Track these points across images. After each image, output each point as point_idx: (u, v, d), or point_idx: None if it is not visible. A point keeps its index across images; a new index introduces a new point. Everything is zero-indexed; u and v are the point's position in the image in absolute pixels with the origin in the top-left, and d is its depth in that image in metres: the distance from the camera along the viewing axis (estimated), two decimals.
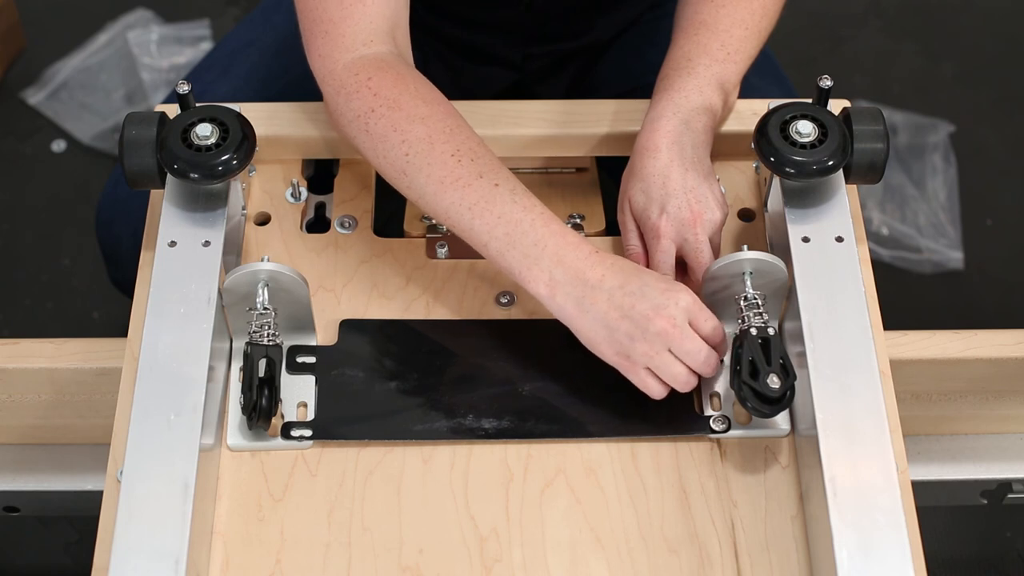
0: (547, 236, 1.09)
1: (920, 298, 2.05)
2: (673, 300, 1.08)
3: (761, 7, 1.23)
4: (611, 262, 1.09)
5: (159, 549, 0.97)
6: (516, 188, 1.11)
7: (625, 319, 1.08)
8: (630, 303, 1.08)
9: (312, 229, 1.27)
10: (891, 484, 1.01)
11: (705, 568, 1.07)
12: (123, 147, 1.13)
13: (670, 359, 1.08)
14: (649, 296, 1.08)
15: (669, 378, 1.09)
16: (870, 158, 1.15)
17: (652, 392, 1.10)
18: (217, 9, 2.38)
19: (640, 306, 1.07)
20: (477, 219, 1.11)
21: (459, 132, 1.14)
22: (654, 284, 1.08)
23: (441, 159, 1.12)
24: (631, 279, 1.09)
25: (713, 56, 1.20)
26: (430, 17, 1.43)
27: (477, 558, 1.07)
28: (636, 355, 1.09)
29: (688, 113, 1.17)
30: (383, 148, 1.14)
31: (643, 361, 1.09)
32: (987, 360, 1.24)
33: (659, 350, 1.08)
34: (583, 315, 1.09)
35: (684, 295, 1.08)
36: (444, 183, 1.11)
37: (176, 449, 1.02)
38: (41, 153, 2.22)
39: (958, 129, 2.22)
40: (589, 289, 1.08)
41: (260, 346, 1.11)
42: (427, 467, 1.12)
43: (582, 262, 1.09)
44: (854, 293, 1.10)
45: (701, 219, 1.15)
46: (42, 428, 1.31)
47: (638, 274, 1.09)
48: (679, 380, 1.09)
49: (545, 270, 1.09)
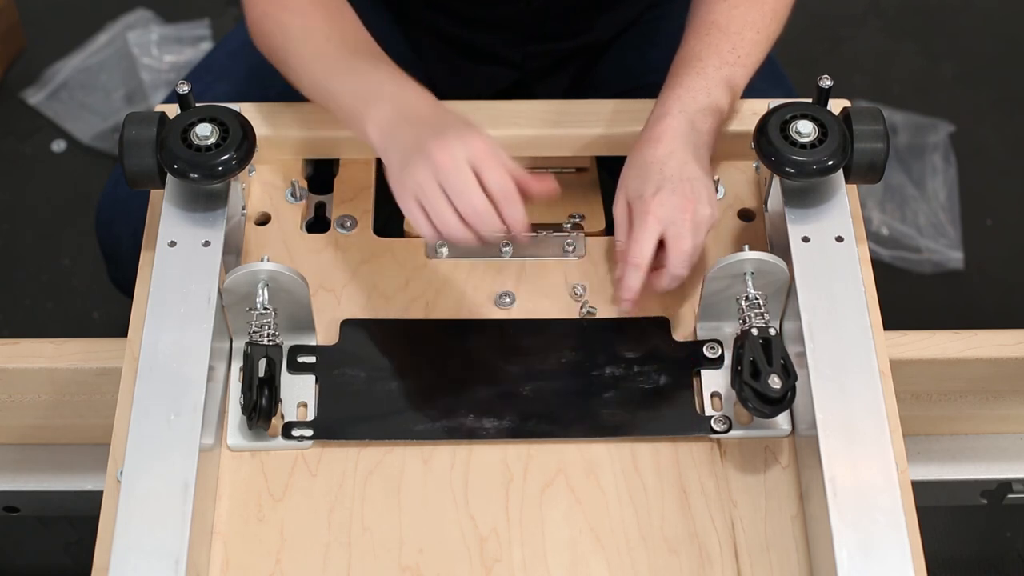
0: (387, 80, 1.13)
1: (920, 298, 2.05)
2: (462, 140, 1.06)
3: (772, 11, 1.23)
4: (435, 105, 1.11)
5: (159, 549, 0.97)
6: (379, 56, 1.16)
7: (416, 149, 1.07)
8: (426, 135, 1.07)
9: (312, 229, 1.26)
10: (891, 484, 1.01)
11: (705, 568, 1.07)
12: (123, 147, 1.13)
13: (438, 193, 1.05)
14: (443, 132, 1.07)
15: (435, 215, 1.06)
16: (870, 158, 1.15)
17: (420, 229, 1.08)
18: (217, 9, 2.38)
19: (431, 138, 1.06)
20: (335, 80, 1.16)
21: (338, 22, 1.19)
22: (455, 124, 1.08)
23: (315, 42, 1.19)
24: (441, 117, 1.09)
25: (724, 58, 1.20)
26: (430, 15, 1.43)
27: (477, 558, 1.07)
28: (408, 180, 1.07)
29: (694, 113, 1.17)
30: None
31: (413, 188, 1.07)
32: (987, 360, 1.24)
33: (429, 180, 1.05)
34: (391, 147, 1.10)
35: (478, 141, 1.06)
36: (314, 58, 1.18)
37: (176, 449, 1.02)
38: (41, 153, 2.22)
39: (958, 129, 2.22)
40: (406, 124, 1.10)
41: (260, 346, 1.11)
42: (427, 467, 1.12)
43: (412, 102, 1.11)
44: (854, 293, 1.10)
45: (693, 207, 1.14)
46: (42, 428, 1.31)
47: (447, 115, 1.10)
48: (446, 222, 1.06)
49: (377, 109, 1.12)
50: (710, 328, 1.18)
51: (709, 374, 1.15)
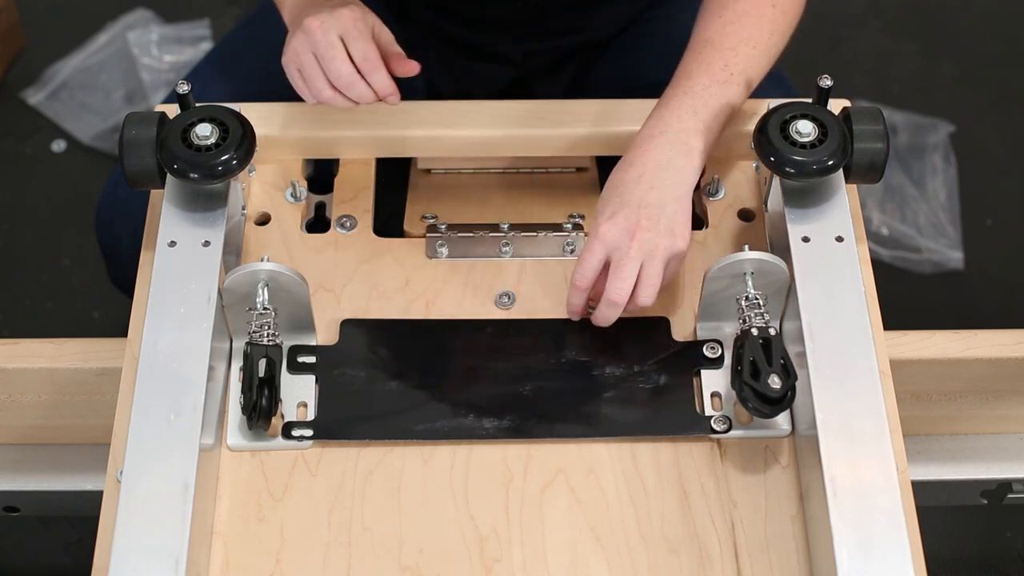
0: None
1: (920, 298, 2.05)
2: (334, 15, 1.17)
3: (770, 23, 1.21)
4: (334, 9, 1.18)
5: (159, 549, 0.97)
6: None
7: (299, 24, 1.18)
8: (311, 12, 1.18)
9: (312, 229, 1.26)
10: (891, 484, 1.01)
11: (705, 568, 1.07)
12: (123, 147, 1.13)
13: (311, 61, 1.17)
14: (321, 8, 1.18)
15: (308, 81, 1.17)
16: (870, 158, 1.15)
17: (300, 93, 1.19)
18: (217, 9, 2.38)
19: (311, 14, 1.17)
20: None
21: None
22: (336, 5, 1.18)
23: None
24: (324, 5, 1.19)
25: (714, 76, 1.18)
26: (430, 15, 1.43)
27: (477, 558, 1.07)
28: (289, 50, 1.18)
29: (677, 134, 1.15)
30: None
31: (292, 57, 1.18)
32: (987, 360, 1.24)
33: (305, 50, 1.17)
34: (292, 26, 1.20)
35: (348, 13, 1.17)
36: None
37: (176, 449, 1.02)
38: (41, 153, 2.22)
39: (958, 129, 2.22)
40: (308, 6, 1.20)
41: (260, 346, 1.11)
42: (427, 467, 1.12)
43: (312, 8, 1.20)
44: (854, 293, 1.10)
45: (641, 236, 1.12)
46: (42, 428, 1.31)
47: (332, 4, 1.19)
48: (317, 87, 1.17)
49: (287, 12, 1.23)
50: (710, 328, 1.18)
51: (709, 374, 1.15)
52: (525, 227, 1.26)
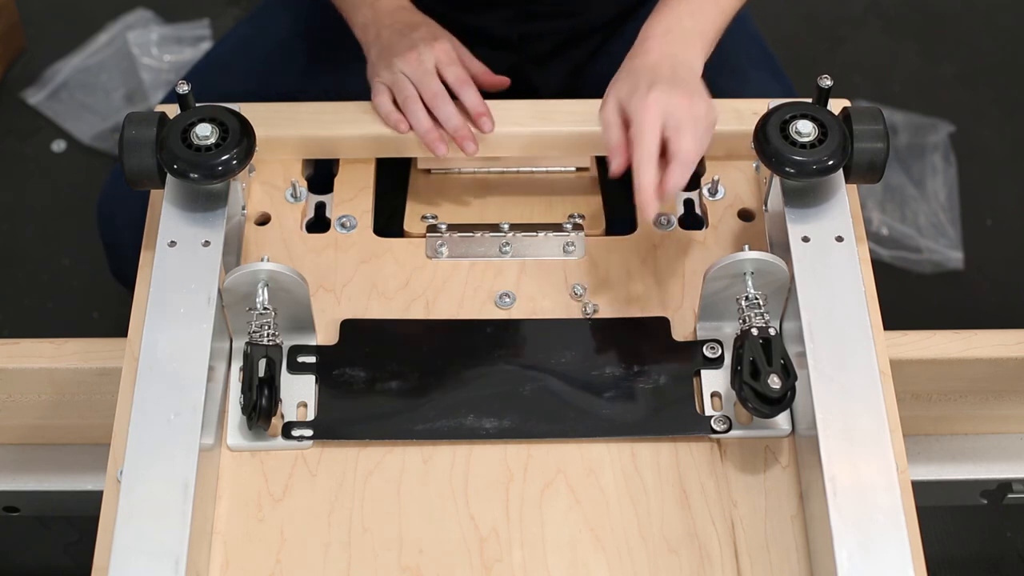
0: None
1: (920, 298, 2.05)
2: (429, 46, 1.25)
3: None
4: (408, 9, 1.28)
5: (159, 549, 0.97)
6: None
7: (391, 51, 1.26)
8: (401, 41, 1.26)
9: (312, 229, 1.26)
10: (891, 484, 1.01)
11: (705, 568, 1.07)
12: (123, 147, 1.13)
13: (406, 83, 1.24)
14: (412, 39, 1.26)
15: (401, 100, 1.24)
16: (870, 158, 1.15)
17: (386, 117, 1.24)
18: (217, 9, 2.38)
19: (405, 45, 1.26)
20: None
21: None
22: (425, 32, 1.27)
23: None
24: (414, 29, 1.27)
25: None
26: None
27: (477, 558, 1.07)
28: (384, 72, 1.25)
29: (680, 33, 1.20)
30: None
31: (386, 79, 1.25)
32: (987, 360, 1.24)
33: (396, 72, 1.24)
34: (371, 45, 1.27)
35: (442, 46, 1.25)
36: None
37: (176, 449, 1.02)
38: (41, 153, 2.22)
39: (958, 129, 2.22)
40: (384, 28, 1.27)
41: (260, 346, 1.11)
42: (427, 467, 1.12)
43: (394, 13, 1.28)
44: (854, 293, 1.10)
45: (691, 101, 1.14)
46: (42, 428, 1.31)
47: (415, 15, 1.29)
48: (412, 110, 1.23)
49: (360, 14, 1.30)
50: (710, 328, 1.18)
51: (709, 374, 1.15)
52: (525, 227, 1.26)
